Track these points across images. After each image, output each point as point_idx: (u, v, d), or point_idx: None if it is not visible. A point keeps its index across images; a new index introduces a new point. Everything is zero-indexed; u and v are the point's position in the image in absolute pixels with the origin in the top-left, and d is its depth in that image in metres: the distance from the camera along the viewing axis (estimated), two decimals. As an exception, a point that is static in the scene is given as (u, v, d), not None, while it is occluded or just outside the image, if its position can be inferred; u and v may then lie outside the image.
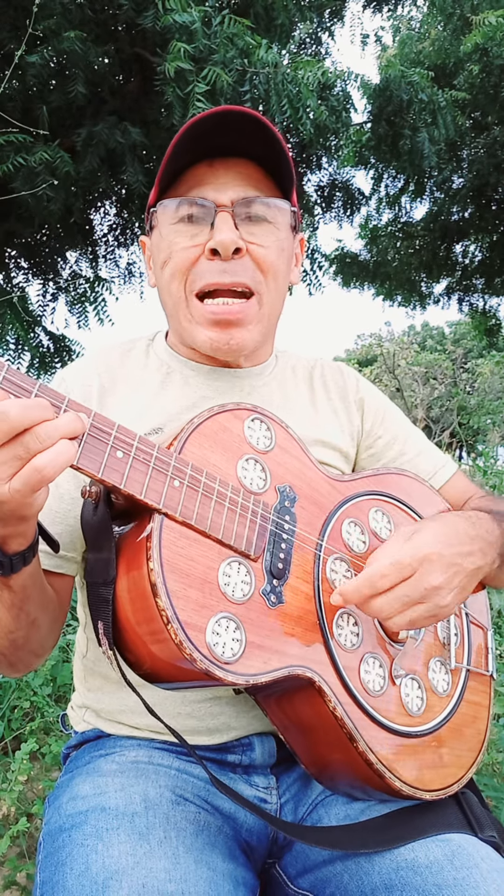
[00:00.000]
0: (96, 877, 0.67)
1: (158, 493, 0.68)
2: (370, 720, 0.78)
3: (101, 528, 0.72)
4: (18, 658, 0.84)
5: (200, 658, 0.65)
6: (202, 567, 0.70)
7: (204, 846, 0.75)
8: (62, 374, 1.01)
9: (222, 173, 0.91)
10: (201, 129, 0.87)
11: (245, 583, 0.73)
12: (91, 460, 0.63)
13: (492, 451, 6.38)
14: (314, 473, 0.88)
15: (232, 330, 0.92)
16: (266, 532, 0.77)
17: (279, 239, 0.94)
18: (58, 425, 0.58)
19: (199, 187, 0.91)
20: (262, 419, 0.84)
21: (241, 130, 0.88)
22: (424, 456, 1.10)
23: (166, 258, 0.93)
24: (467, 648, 0.95)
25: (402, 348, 21.28)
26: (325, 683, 0.75)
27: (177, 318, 0.96)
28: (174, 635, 0.64)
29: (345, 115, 5.36)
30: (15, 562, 0.69)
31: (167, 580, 0.65)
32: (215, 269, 0.90)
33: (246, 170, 0.92)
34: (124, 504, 0.71)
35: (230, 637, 0.68)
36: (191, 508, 0.70)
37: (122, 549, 0.71)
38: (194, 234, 0.91)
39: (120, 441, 0.66)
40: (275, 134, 0.89)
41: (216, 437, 0.78)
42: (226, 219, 0.89)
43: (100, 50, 4.31)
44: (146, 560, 0.66)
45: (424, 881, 0.70)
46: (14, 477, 0.58)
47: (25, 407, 0.57)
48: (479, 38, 5.72)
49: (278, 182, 0.95)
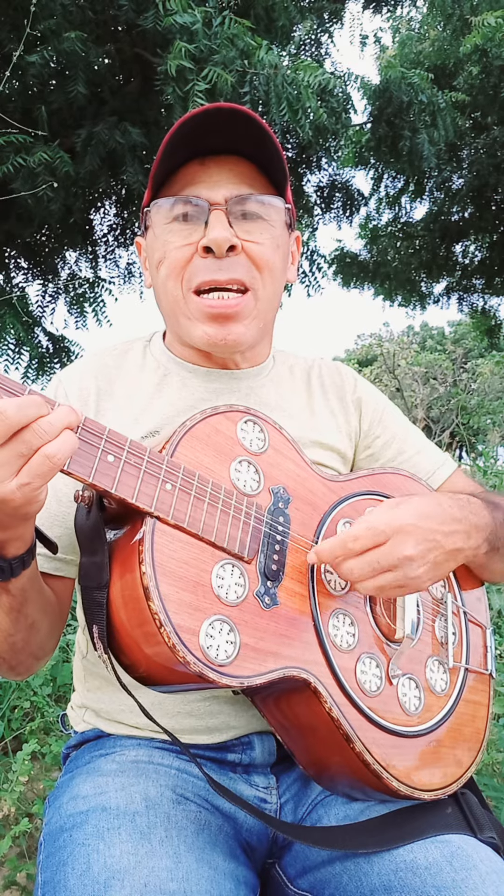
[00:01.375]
0: (98, 876, 0.67)
1: (150, 496, 0.68)
2: (367, 720, 0.78)
3: (94, 533, 0.72)
4: (19, 661, 0.84)
5: (194, 661, 0.65)
6: (195, 570, 0.70)
7: (205, 845, 0.75)
8: (59, 377, 1.01)
9: (215, 171, 0.91)
10: (192, 128, 0.87)
11: (239, 585, 0.73)
12: (81, 465, 0.64)
13: (492, 451, 6.38)
14: (308, 474, 0.88)
15: (229, 325, 0.92)
16: (260, 534, 0.77)
17: (274, 236, 0.94)
18: (55, 419, 0.60)
19: (193, 186, 0.91)
20: (255, 421, 0.84)
21: (232, 128, 0.88)
22: (423, 455, 1.10)
23: (161, 258, 0.93)
24: (465, 647, 0.95)
25: (402, 348, 21.27)
26: (320, 684, 0.75)
27: (174, 316, 0.96)
28: (167, 638, 0.64)
29: (344, 117, 5.36)
30: (15, 566, 0.69)
31: (160, 583, 0.66)
32: (210, 266, 0.90)
33: (238, 167, 0.92)
34: (117, 508, 0.71)
35: (224, 639, 0.69)
36: (183, 511, 0.70)
37: (116, 552, 0.71)
38: (188, 233, 0.91)
39: (111, 445, 0.67)
40: (266, 131, 0.89)
41: (209, 440, 0.78)
42: (220, 217, 0.89)
43: (100, 50, 4.32)
44: (138, 563, 0.66)
45: (423, 883, 0.70)
46: (21, 471, 0.59)
47: (21, 406, 0.58)
48: (478, 39, 5.73)
49: (272, 179, 0.95)
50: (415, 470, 1.06)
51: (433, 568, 0.80)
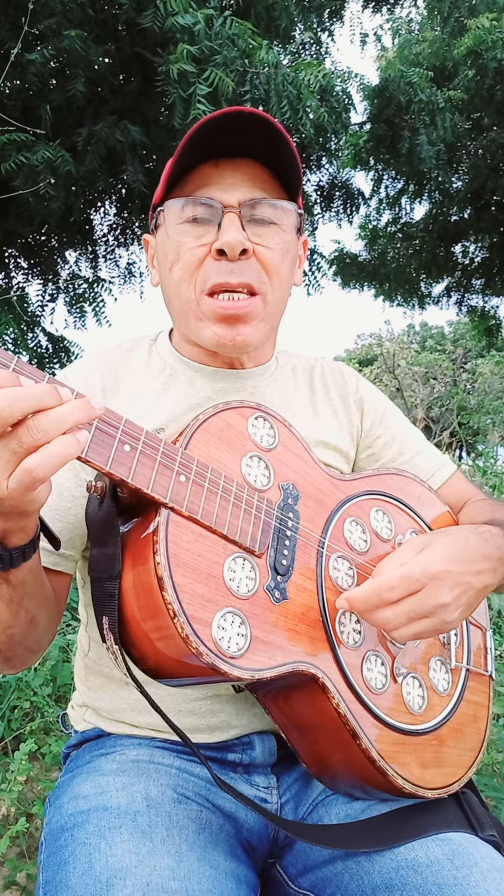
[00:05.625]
0: (100, 875, 0.67)
1: (165, 487, 0.68)
2: (373, 717, 0.78)
3: (106, 524, 0.72)
4: (15, 654, 0.84)
5: (207, 652, 0.65)
6: (208, 562, 0.70)
7: (206, 844, 0.75)
8: (63, 374, 1.01)
9: (229, 174, 0.91)
10: (210, 129, 0.87)
11: (250, 578, 0.73)
12: (99, 454, 0.64)
13: (492, 451, 6.39)
14: (317, 472, 0.89)
15: (238, 326, 0.92)
16: (270, 528, 0.77)
17: (284, 241, 0.94)
18: (58, 415, 0.56)
19: (206, 187, 0.91)
20: (265, 417, 0.85)
21: (249, 131, 0.88)
22: (423, 456, 1.10)
23: (174, 259, 0.93)
24: (467, 648, 0.96)
25: (402, 348, 21.27)
26: (328, 680, 0.75)
27: (185, 317, 0.96)
28: (181, 629, 0.64)
29: (344, 116, 5.37)
30: (15, 556, 0.68)
31: (174, 574, 0.65)
32: (223, 269, 0.90)
33: (252, 171, 0.92)
34: (129, 499, 0.71)
35: (235, 632, 0.69)
36: (196, 503, 0.70)
37: (128, 544, 0.71)
38: (201, 235, 0.91)
39: (127, 435, 0.67)
40: (284, 136, 0.88)
41: (221, 434, 0.78)
42: (233, 220, 0.89)
43: (100, 49, 4.32)
44: (153, 554, 0.66)
45: (425, 880, 0.70)
46: (11, 475, 0.57)
47: (16, 397, 0.54)
48: (471, 42, 5.73)
49: (285, 184, 0.95)
50: (414, 471, 1.06)
51: (465, 609, 0.80)
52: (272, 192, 0.93)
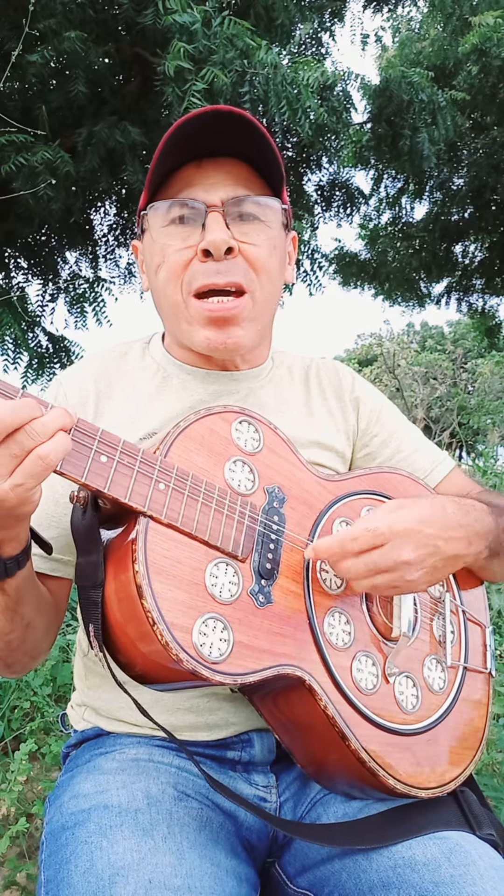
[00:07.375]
0: (102, 873, 0.67)
1: (143, 496, 0.69)
2: (362, 718, 0.78)
3: (89, 533, 0.73)
4: (15, 659, 0.85)
5: (187, 658, 0.65)
6: (188, 568, 0.70)
7: (207, 842, 0.75)
8: (59, 378, 1.01)
9: (211, 173, 0.91)
10: (188, 130, 0.87)
11: (233, 583, 0.73)
12: (74, 465, 0.65)
13: (492, 451, 6.39)
14: (304, 474, 0.88)
15: (229, 328, 0.92)
16: (254, 533, 0.78)
17: (271, 237, 0.94)
18: (48, 420, 0.61)
19: (189, 188, 0.91)
20: (249, 421, 0.85)
21: (228, 130, 0.88)
22: (421, 453, 1.10)
23: (160, 262, 0.93)
24: (464, 646, 0.96)
25: (402, 348, 21.27)
26: (315, 682, 0.75)
27: (175, 321, 0.96)
28: (160, 636, 0.65)
29: (345, 116, 5.37)
30: (9, 566, 0.70)
31: (152, 582, 0.66)
32: (209, 270, 0.90)
33: (235, 169, 0.92)
34: (112, 509, 0.72)
35: (217, 637, 0.69)
36: (176, 510, 0.71)
37: (110, 552, 0.72)
38: (186, 236, 0.91)
39: (104, 446, 0.68)
40: (262, 132, 0.88)
41: (203, 440, 0.78)
42: (217, 219, 0.89)
43: (100, 50, 4.32)
44: (132, 562, 0.67)
45: (422, 879, 0.71)
46: (14, 472, 0.60)
47: (15, 408, 0.59)
48: (476, 39, 5.73)
49: (268, 180, 0.95)
50: (412, 468, 1.06)
51: (430, 572, 0.80)
52: (256, 189, 0.93)
